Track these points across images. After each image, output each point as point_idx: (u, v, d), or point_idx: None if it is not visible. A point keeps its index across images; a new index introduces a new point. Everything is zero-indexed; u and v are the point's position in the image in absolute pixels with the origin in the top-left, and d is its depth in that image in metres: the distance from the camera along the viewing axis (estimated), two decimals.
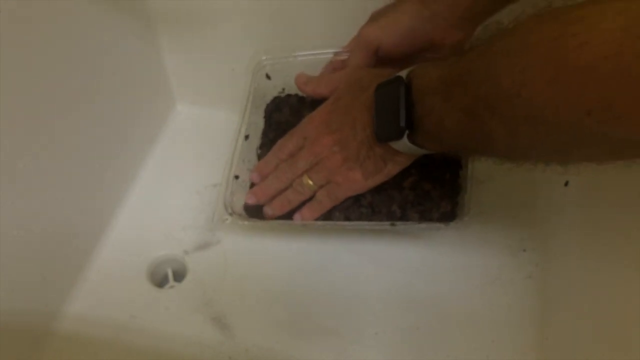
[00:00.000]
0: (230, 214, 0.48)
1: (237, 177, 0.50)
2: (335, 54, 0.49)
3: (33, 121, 0.43)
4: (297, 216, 0.48)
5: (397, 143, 0.40)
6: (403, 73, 0.39)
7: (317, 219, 0.48)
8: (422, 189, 0.47)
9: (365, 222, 0.47)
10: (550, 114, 0.27)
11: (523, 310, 0.49)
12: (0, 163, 0.39)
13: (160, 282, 0.54)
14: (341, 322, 0.49)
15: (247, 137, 0.51)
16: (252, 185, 0.50)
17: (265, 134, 0.52)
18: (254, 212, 0.50)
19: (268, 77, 0.52)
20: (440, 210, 0.48)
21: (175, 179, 0.60)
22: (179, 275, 0.53)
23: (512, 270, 0.52)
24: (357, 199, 0.47)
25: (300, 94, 0.52)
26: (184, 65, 0.63)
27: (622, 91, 0.24)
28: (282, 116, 0.51)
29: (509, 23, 0.31)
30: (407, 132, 0.38)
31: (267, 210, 0.49)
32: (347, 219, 0.48)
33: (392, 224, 0.47)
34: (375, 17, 0.46)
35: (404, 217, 0.47)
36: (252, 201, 0.49)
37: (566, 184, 0.51)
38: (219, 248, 0.54)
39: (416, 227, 0.48)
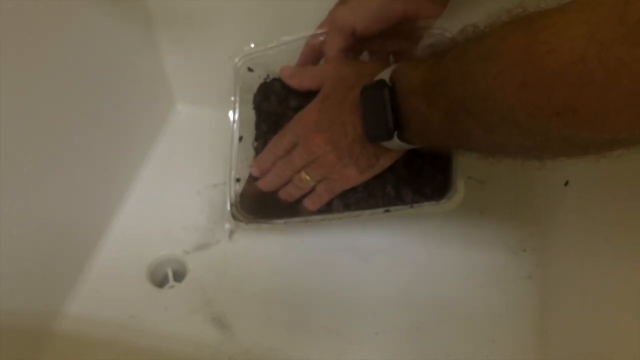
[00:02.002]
0: (235, 217, 0.49)
1: (238, 179, 0.51)
2: (311, 37, 0.49)
3: (33, 121, 0.43)
4: (301, 207, 0.49)
5: (388, 142, 0.41)
6: (386, 75, 0.40)
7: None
8: (413, 166, 0.48)
9: (361, 211, 0.48)
10: (522, 116, 0.29)
11: (523, 310, 0.49)
12: (1, 163, 0.39)
13: (160, 282, 0.54)
14: (341, 322, 0.49)
15: (240, 138, 0.51)
16: (250, 177, 0.51)
17: (258, 126, 0.52)
18: (249, 202, 0.50)
19: (250, 69, 0.52)
20: (433, 185, 0.48)
21: (175, 179, 0.60)
22: (179, 275, 0.53)
23: (512, 270, 0.52)
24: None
25: None
26: (184, 65, 0.63)
27: (586, 95, 0.25)
28: (270, 105, 0.51)
29: (485, 27, 0.33)
30: (396, 132, 0.39)
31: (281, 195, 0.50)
32: (346, 206, 0.49)
33: (387, 210, 0.48)
34: (345, 0, 0.46)
35: (398, 197, 0.48)
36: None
37: (566, 183, 0.51)
38: (219, 248, 0.54)
39: (410, 211, 0.48)
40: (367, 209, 0.48)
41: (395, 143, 0.40)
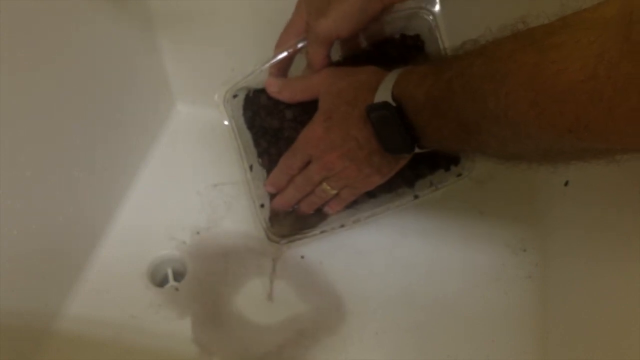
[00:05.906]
0: (274, 241, 0.52)
1: (262, 205, 0.51)
2: (283, 56, 0.48)
3: (34, 122, 0.43)
4: (327, 209, 0.51)
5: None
6: (387, 92, 0.40)
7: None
8: None
9: (391, 203, 0.51)
10: (534, 132, 0.30)
11: (523, 310, 0.50)
12: (1, 163, 0.39)
13: (160, 282, 0.54)
14: (341, 322, 0.49)
15: (251, 167, 0.51)
16: (271, 196, 0.51)
17: (257, 143, 0.51)
18: (279, 221, 0.52)
19: (235, 96, 0.51)
20: (445, 155, 0.50)
21: (176, 179, 0.60)
22: (179, 275, 0.53)
23: (512, 270, 0.52)
24: None
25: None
26: (184, 65, 0.63)
27: (596, 111, 0.26)
28: (264, 120, 0.50)
29: (485, 42, 0.33)
30: (415, 144, 0.40)
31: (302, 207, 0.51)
32: (372, 195, 0.51)
33: (416, 197, 0.51)
34: (321, 9, 0.44)
35: (417, 174, 0.50)
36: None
37: (566, 183, 0.51)
38: (219, 248, 0.54)
39: (437, 193, 0.51)
40: (393, 197, 0.51)
41: (414, 151, 0.42)
